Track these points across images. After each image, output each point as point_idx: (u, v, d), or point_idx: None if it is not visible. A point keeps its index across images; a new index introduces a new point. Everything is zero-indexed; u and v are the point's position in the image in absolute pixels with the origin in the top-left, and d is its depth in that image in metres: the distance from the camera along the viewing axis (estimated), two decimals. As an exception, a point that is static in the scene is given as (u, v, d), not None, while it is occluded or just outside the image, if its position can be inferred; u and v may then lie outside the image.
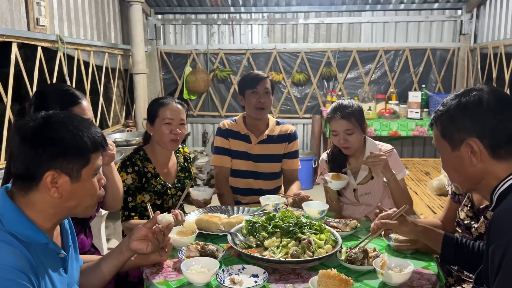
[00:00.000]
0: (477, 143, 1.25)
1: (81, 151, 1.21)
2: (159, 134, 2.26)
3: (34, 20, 3.28)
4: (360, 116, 2.29)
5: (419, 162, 4.46)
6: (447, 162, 1.37)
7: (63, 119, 1.23)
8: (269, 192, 2.61)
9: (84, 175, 1.22)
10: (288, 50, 5.89)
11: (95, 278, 1.49)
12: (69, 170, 1.19)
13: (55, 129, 1.19)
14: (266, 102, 2.60)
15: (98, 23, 4.61)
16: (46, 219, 1.22)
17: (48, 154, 1.17)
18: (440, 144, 1.35)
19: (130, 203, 2.21)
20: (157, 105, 2.29)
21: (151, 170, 2.29)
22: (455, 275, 1.92)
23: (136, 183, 2.24)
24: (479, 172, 1.27)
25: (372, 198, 2.38)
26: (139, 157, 2.29)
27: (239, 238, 1.75)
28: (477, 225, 1.82)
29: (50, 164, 1.17)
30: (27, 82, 3.31)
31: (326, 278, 1.36)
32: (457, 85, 5.75)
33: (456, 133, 1.28)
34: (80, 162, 1.21)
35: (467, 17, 5.58)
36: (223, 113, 5.98)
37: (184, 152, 2.55)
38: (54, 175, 1.17)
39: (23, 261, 1.10)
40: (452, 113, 1.30)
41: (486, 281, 1.16)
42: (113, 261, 1.50)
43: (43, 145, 1.17)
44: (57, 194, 1.19)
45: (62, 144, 1.18)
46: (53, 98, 1.77)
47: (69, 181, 1.20)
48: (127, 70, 5.42)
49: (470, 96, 1.28)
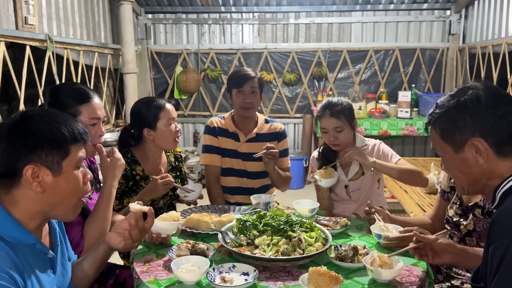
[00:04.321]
0: (482, 143, 1.21)
1: (59, 142, 1.19)
2: (162, 137, 2.26)
3: (23, 19, 3.25)
4: (349, 113, 2.31)
5: (409, 161, 4.44)
6: (450, 165, 1.32)
7: (40, 113, 1.23)
8: (259, 190, 2.61)
9: (65, 168, 1.21)
10: (279, 50, 5.90)
11: (78, 275, 1.44)
12: (49, 162, 1.18)
13: (31, 122, 1.19)
14: (252, 102, 2.58)
15: (88, 22, 4.58)
16: (31, 218, 1.20)
17: (25, 147, 1.15)
18: (441, 147, 1.30)
19: (117, 206, 2.20)
20: (154, 108, 2.25)
21: (140, 173, 2.28)
22: (444, 272, 1.94)
23: (123, 187, 2.23)
24: (485, 172, 1.23)
25: (362, 194, 2.40)
26: (127, 160, 2.25)
27: (230, 237, 1.75)
28: (465, 222, 1.84)
29: (29, 157, 1.16)
30: (15, 82, 3.27)
31: (317, 276, 1.37)
32: (446, 84, 5.81)
33: (458, 134, 1.24)
34: (59, 154, 1.19)
35: (456, 18, 5.64)
36: (214, 113, 5.97)
37: (175, 151, 2.54)
38: (34, 169, 1.16)
39: (9, 263, 1.08)
40: (452, 114, 1.25)
41: (484, 279, 1.15)
42: (92, 254, 1.46)
43: (19, 139, 1.16)
44: (40, 188, 1.17)
45: (39, 136, 1.17)
46: (66, 96, 1.82)
47: (50, 174, 1.18)
48: (117, 70, 5.39)
49: (467, 95, 1.24)
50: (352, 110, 2.34)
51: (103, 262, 1.47)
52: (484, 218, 1.77)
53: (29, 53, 3.43)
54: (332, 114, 2.26)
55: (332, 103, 2.30)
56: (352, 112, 2.33)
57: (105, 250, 1.44)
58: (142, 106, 2.30)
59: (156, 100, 2.30)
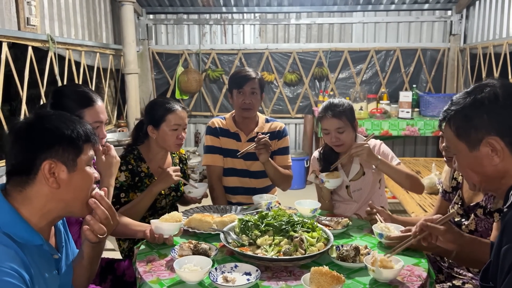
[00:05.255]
0: (498, 141, 1.18)
1: (75, 139, 1.24)
2: (164, 138, 2.27)
3: (25, 19, 3.25)
4: (350, 114, 2.31)
5: (410, 161, 4.49)
6: (464, 163, 1.28)
7: (54, 113, 1.29)
8: (260, 190, 2.61)
9: (79, 165, 1.25)
10: (280, 50, 5.91)
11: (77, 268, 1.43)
12: (65, 159, 1.22)
13: (48, 121, 1.24)
14: (252, 103, 2.59)
15: (89, 23, 4.59)
16: (42, 216, 1.22)
17: (44, 143, 1.20)
18: (455, 145, 1.27)
19: (123, 198, 2.21)
20: (163, 109, 2.26)
21: (144, 170, 2.29)
22: (446, 272, 1.94)
23: (129, 181, 2.24)
24: (499, 171, 1.21)
25: (363, 194, 2.41)
26: (133, 156, 2.29)
27: (232, 237, 1.76)
28: (467, 222, 1.85)
29: (47, 153, 1.19)
30: (17, 82, 3.28)
31: (318, 275, 1.37)
32: (447, 85, 5.81)
33: (473, 132, 1.21)
34: (74, 151, 1.24)
35: (457, 18, 5.64)
36: (215, 113, 5.97)
37: (180, 153, 2.55)
38: (51, 164, 1.19)
39: (18, 262, 1.10)
40: (468, 111, 1.21)
41: (493, 279, 1.14)
42: (79, 252, 1.44)
43: (38, 135, 1.20)
44: (55, 184, 1.20)
45: (57, 132, 1.22)
46: (69, 98, 1.84)
47: (66, 171, 1.22)
48: (118, 70, 5.40)
49: (484, 92, 1.20)
50: (353, 111, 2.34)
51: (92, 258, 1.42)
52: (485, 218, 1.77)
53: (31, 54, 3.44)
54: (334, 115, 2.27)
55: (333, 104, 2.30)
56: (353, 113, 2.34)
57: (88, 245, 1.39)
58: (155, 103, 2.34)
59: (170, 102, 2.30)
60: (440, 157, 5.15)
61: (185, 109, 2.34)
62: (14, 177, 1.21)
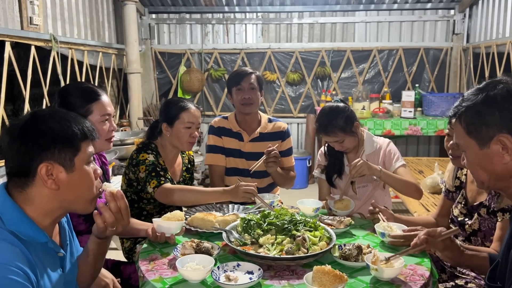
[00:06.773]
0: (509, 139, 1.16)
1: (70, 139, 1.22)
2: (177, 136, 2.29)
3: (28, 19, 3.26)
4: (345, 124, 2.26)
5: (413, 160, 4.49)
6: (473, 161, 1.26)
7: (49, 112, 1.26)
8: (262, 190, 2.61)
9: (77, 164, 1.23)
10: (282, 49, 5.90)
11: (81, 265, 1.43)
12: (62, 159, 1.20)
13: (42, 122, 1.21)
14: (252, 98, 2.60)
15: (92, 23, 4.60)
16: (46, 215, 1.22)
17: (39, 146, 1.18)
18: (465, 141, 1.24)
19: (160, 171, 2.20)
20: (178, 108, 2.30)
21: (161, 163, 2.30)
22: (448, 271, 1.94)
23: (150, 168, 2.21)
24: (509, 169, 1.19)
25: (368, 190, 2.41)
26: (153, 147, 2.31)
27: (234, 236, 1.76)
28: (470, 222, 1.84)
29: (42, 155, 1.18)
30: (20, 82, 3.29)
31: (321, 274, 1.37)
32: (450, 84, 5.79)
33: (484, 130, 1.18)
34: (71, 150, 1.22)
35: (460, 17, 5.63)
36: (218, 113, 5.98)
37: (189, 154, 2.58)
38: (48, 166, 1.18)
39: (23, 260, 1.10)
40: (479, 108, 1.19)
41: (501, 279, 1.13)
42: (85, 249, 1.44)
43: (33, 138, 1.18)
44: (55, 185, 1.19)
45: (51, 134, 1.20)
46: (75, 96, 1.88)
47: (64, 171, 1.21)
48: (121, 70, 5.40)
49: (497, 89, 1.18)
50: (348, 117, 2.29)
51: (97, 255, 1.42)
52: (489, 218, 1.77)
53: (34, 53, 3.44)
54: (327, 133, 2.28)
55: (324, 124, 2.28)
56: (349, 120, 2.28)
57: (94, 242, 1.40)
58: (170, 102, 2.39)
59: (185, 101, 2.34)
60: (442, 156, 5.15)
61: (199, 108, 2.37)
62: (14, 178, 1.20)
